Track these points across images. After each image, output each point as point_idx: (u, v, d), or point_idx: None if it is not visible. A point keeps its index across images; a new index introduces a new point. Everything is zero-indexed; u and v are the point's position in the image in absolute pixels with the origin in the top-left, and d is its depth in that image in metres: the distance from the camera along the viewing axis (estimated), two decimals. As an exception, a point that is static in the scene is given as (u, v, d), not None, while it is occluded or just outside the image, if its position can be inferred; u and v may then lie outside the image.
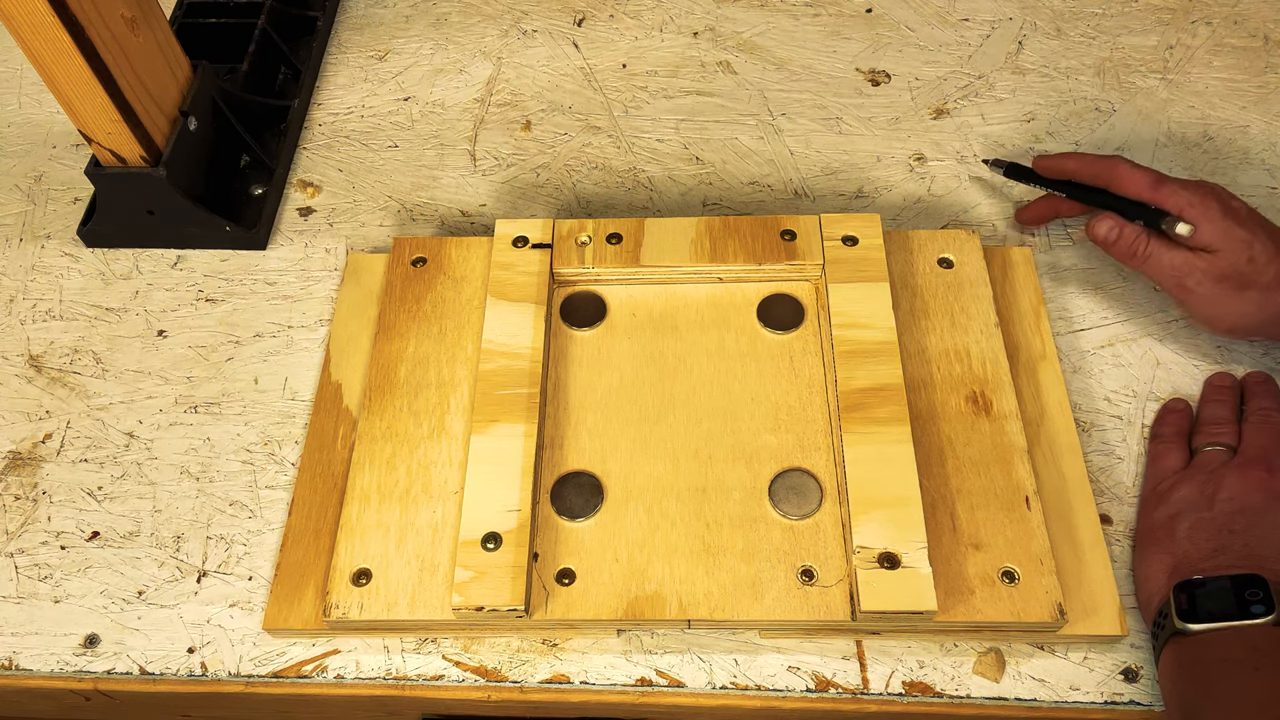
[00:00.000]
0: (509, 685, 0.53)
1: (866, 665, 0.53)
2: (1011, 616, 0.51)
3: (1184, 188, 0.58)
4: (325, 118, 0.78)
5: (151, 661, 0.55)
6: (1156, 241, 0.58)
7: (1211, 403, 0.59)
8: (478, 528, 0.53)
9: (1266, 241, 0.56)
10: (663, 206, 0.71)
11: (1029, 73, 0.77)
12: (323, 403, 0.61)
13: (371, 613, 0.52)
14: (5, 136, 0.79)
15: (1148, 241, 0.58)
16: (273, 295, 0.68)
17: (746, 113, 0.76)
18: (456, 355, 0.61)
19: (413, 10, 0.85)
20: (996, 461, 0.56)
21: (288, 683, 0.54)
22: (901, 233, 0.65)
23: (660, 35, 0.82)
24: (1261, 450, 0.54)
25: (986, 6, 0.81)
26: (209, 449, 0.62)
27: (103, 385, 0.65)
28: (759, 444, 0.57)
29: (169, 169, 0.66)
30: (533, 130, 0.76)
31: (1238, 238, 0.56)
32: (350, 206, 0.73)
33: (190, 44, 0.70)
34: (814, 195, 0.71)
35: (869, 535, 0.52)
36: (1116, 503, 0.57)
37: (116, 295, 0.69)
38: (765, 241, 0.63)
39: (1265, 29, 0.78)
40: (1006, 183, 0.71)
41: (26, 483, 0.61)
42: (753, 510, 0.55)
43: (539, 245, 0.63)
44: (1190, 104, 0.74)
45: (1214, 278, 0.57)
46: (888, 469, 0.54)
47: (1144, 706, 0.51)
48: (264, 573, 0.57)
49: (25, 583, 0.58)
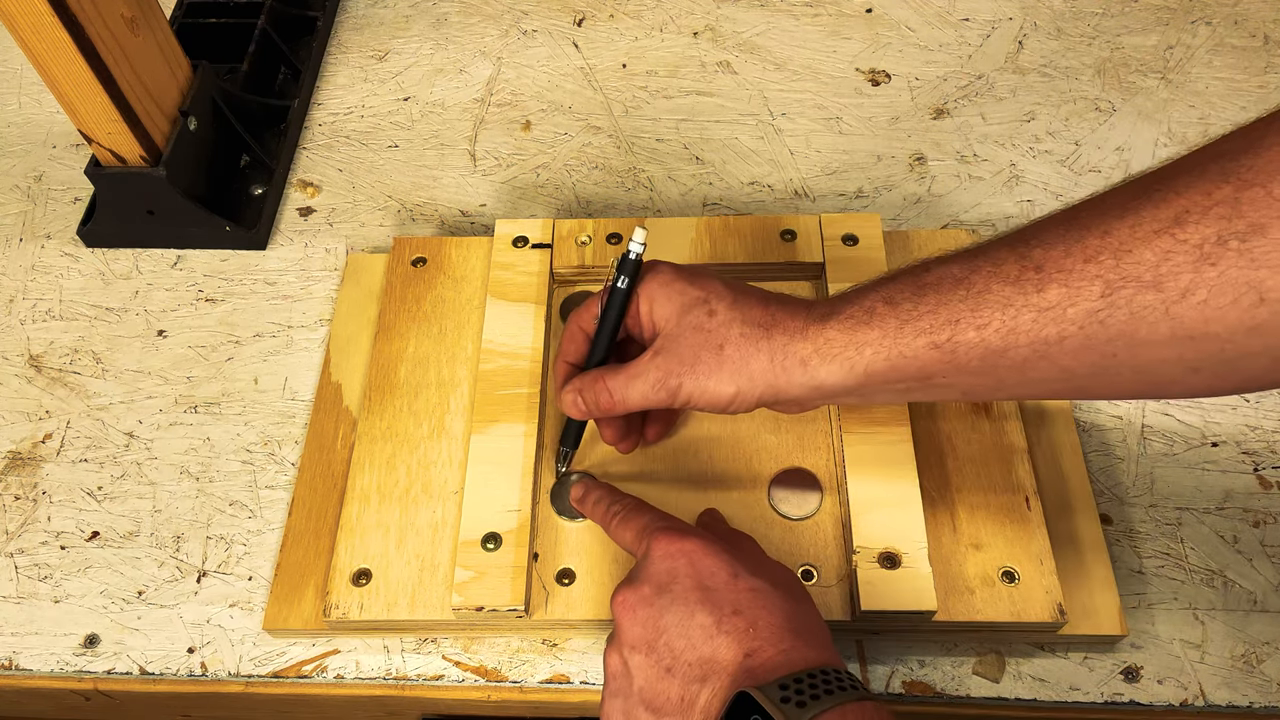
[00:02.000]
0: (509, 685, 0.53)
1: (866, 665, 0.53)
2: (1011, 616, 0.51)
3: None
4: (325, 118, 0.78)
5: (151, 661, 0.55)
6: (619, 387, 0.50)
7: None
8: (478, 528, 0.53)
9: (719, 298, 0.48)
10: (663, 206, 0.71)
11: (1029, 73, 0.77)
12: (323, 403, 0.61)
13: (371, 613, 0.52)
14: (5, 136, 0.79)
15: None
16: (273, 295, 0.68)
17: (746, 113, 0.76)
18: (456, 355, 0.61)
19: (413, 10, 0.85)
20: (996, 461, 0.56)
21: (288, 683, 0.54)
22: (901, 233, 0.65)
23: (660, 35, 0.82)
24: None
25: (986, 6, 0.81)
26: (209, 449, 0.62)
27: (103, 385, 0.65)
28: (759, 444, 0.57)
29: (169, 169, 0.66)
30: (533, 130, 0.76)
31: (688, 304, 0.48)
32: (350, 206, 0.73)
33: (190, 44, 0.70)
34: (814, 195, 0.71)
35: (869, 535, 0.52)
36: (1116, 503, 0.57)
37: (116, 295, 0.69)
38: (765, 241, 0.63)
39: (1265, 29, 0.78)
40: (1007, 182, 0.71)
41: (26, 483, 0.61)
42: (753, 510, 0.55)
43: (539, 245, 0.63)
44: (1190, 104, 0.74)
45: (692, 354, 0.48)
46: (888, 469, 0.53)
47: (1144, 706, 0.51)
48: (264, 573, 0.57)
49: (25, 583, 0.58)
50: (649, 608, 0.43)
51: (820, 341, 0.45)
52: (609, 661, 0.44)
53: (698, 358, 0.47)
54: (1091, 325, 0.38)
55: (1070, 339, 0.39)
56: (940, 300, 0.42)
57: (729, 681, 0.40)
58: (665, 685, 0.41)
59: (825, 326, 0.45)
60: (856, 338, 0.44)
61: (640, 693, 0.42)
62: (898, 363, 0.43)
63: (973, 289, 0.41)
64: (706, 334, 0.47)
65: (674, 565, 0.44)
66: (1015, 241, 0.41)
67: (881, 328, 0.43)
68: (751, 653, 0.41)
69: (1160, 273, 0.36)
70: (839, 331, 0.45)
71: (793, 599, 0.43)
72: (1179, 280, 0.36)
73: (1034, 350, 0.40)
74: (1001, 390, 0.44)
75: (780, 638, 0.41)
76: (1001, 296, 0.40)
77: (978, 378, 0.42)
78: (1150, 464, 0.59)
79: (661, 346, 0.48)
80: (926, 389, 0.44)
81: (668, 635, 0.42)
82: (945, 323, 0.42)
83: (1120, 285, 0.37)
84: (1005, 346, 0.40)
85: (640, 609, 0.43)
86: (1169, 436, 0.59)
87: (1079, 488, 0.56)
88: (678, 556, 0.44)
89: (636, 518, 0.48)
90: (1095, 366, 0.39)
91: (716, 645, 0.41)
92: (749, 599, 0.42)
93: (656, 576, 0.44)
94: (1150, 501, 0.57)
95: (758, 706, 0.38)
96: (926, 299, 0.43)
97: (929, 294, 0.43)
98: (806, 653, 0.41)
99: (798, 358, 0.45)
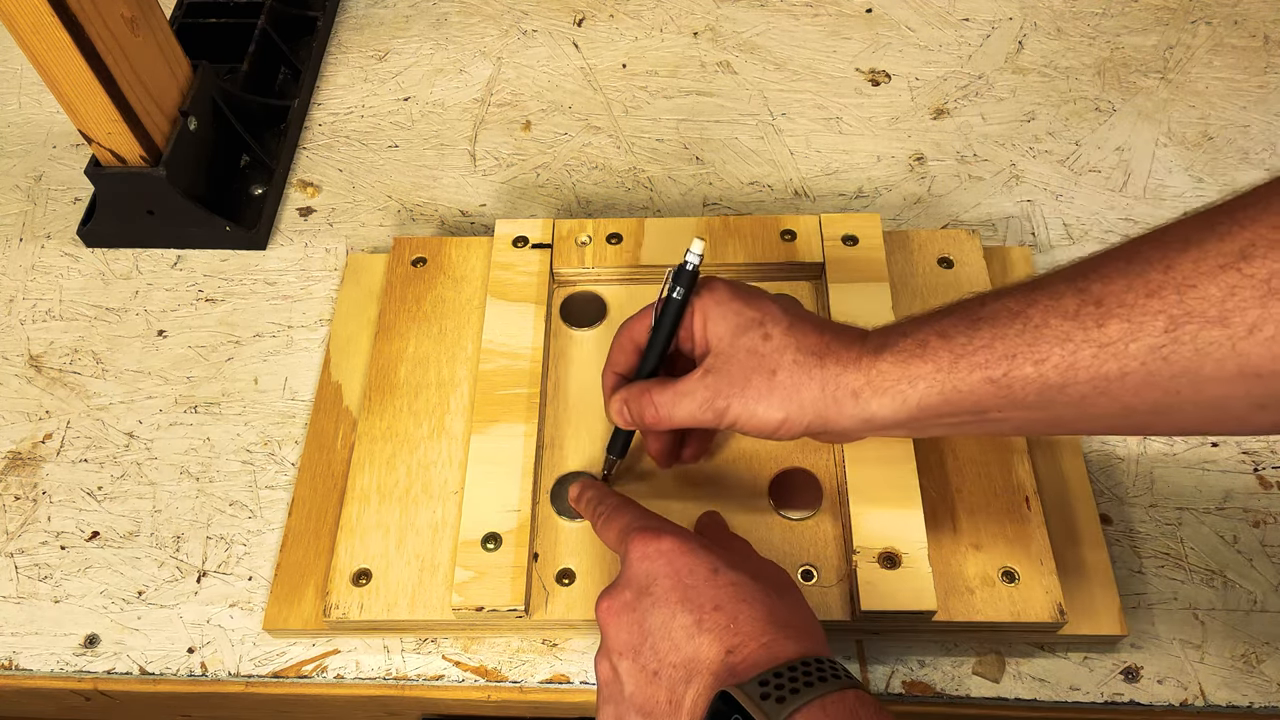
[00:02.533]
0: (509, 685, 0.53)
1: (866, 665, 0.53)
2: (1011, 616, 0.51)
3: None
4: (325, 118, 0.78)
5: (151, 661, 0.55)
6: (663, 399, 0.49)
7: None
8: (478, 528, 0.53)
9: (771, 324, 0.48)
10: (663, 206, 0.71)
11: (1029, 73, 0.77)
12: (323, 403, 0.61)
13: (371, 613, 0.52)
14: (5, 136, 0.79)
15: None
16: (273, 295, 0.68)
17: (746, 113, 0.76)
18: (456, 355, 0.61)
19: (413, 10, 0.85)
20: (996, 461, 0.56)
21: (288, 683, 0.54)
22: (901, 233, 0.65)
23: (660, 35, 0.82)
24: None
25: (986, 6, 0.81)
26: (209, 449, 0.62)
27: (103, 385, 0.65)
28: (759, 444, 0.57)
29: (169, 169, 0.66)
30: (533, 130, 0.76)
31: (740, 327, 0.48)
32: (350, 206, 0.73)
33: (190, 44, 0.70)
34: (814, 195, 0.71)
35: (869, 535, 0.52)
36: (1116, 503, 0.57)
37: (116, 295, 0.69)
38: (765, 241, 0.63)
39: (1265, 29, 0.78)
40: (1007, 183, 0.71)
41: (26, 483, 0.61)
42: (753, 510, 0.55)
43: (539, 245, 0.63)
44: (1190, 104, 0.74)
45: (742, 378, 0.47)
46: (888, 469, 0.53)
47: (1144, 706, 0.51)
48: (264, 573, 0.57)
49: (25, 583, 0.58)
50: (631, 612, 0.43)
51: (873, 374, 0.44)
52: (599, 669, 0.44)
53: (749, 380, 0.46)
54: (1154, 361, 0.37)
55: (1132, 375, 0.38)
56: (996, 334, 0.41)
57: (712, 680, 0.40)
58: (653, 689, 0.41)
59: (878, 359, 0.44)
60: (910, 371, 0.43)
61: (631, 698, 0.42)
62: (952, 397, 0.43)
63: (1030, 323, 0.40)
64: (760, 357, 0.47)
65: (652, 567, 0.44)
66: (1073, 276, 0.40)
67: (935, 361, 0.43)
68: (733, 649, 0.41)
69: (1226, 308, 0.36)
70: (892, 364, 0.44)
71: (775, 591, 0.43)
72: (1246, 316, 0.35)
73: (1094, 386, 0.39)
74: (1059, 426, 0.43)
75: (762, 631, 0.41)
76: (1060, 331, 0.40)
77: (1034, 412, 0.42)
78: (1150, 464, 0.59)
79: (712, 365, 0.48)
80: (981, 423, 0.44)
81: (652, 639, 0.42)
82: (1001, 357, 0.41)
83: (1185, 320, 0.37)
84: (1064, 382, 0.40)
85: (624, 614, 0.43)
86: (1169, 436, 0.59)
87: (1079, 488, 0.56)
88: (655, 558, 0.44)
89: (619, 518, 0.48)
90: (1157, 403, 0.39)
91: (698, 645, 0.41)
92: (729, 594, 0.42)
93: (636, 580, 0.44)
94: (1150, 501, 0.57)
95: (738, 705, 0.38)
96: (981, 333, 0.42)
97: (984, 328, 0.42)
98: (789, 645, 0.41)
99: (849, 389, 0.45)
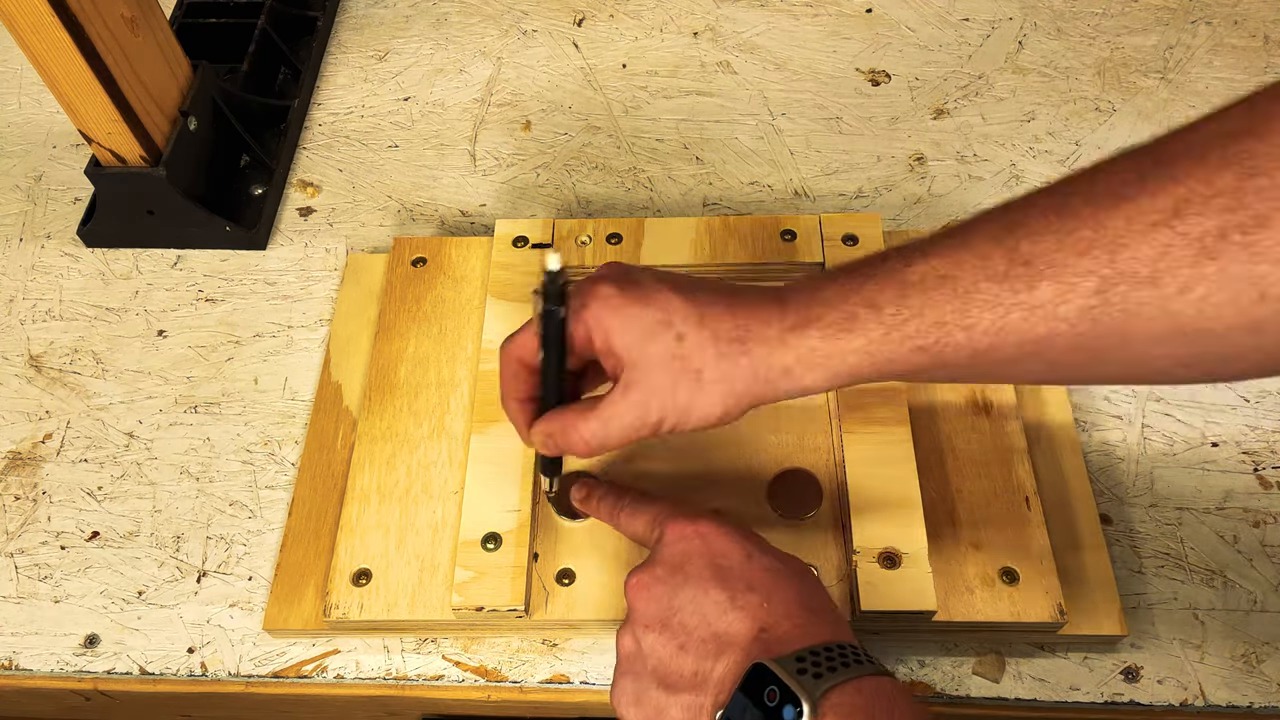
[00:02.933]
0: (509, 685, 0.53)
1: (866, 665, 0.53)
2: (1011, 616, 0.51)
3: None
4: (325, 118, 0.78)
5: (151, 661, 0.55)
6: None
7: None
8: (478, 528, 0.53)
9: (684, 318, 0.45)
10: (663, 206, 0.71)
11: (1029, 73, 0.77)
12: (323, 403, 0.61)
13: (371, 613, 0.52)
14: (5, 136, 0.79)
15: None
16: (273, 295, 0.68)
17: (746, 113, 0.76)
18: (456, 355, 0.61)
19: (413, 10, 0.85)
20: (996, 461, 0.56)
21: (288, 683, 0.54)
22: (901, 233, 0.65)
23: (660, 35, 0.82)
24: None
25: (986, 6, 0.81)
26: (209, 449, 0.62)
27: (103, 385, 0.65)
28: (759, 444, 0.57)
29: (169, 169, 0.66)
30: (533, 130, 0.76)
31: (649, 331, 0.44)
32: (350, 206, 0.73)
33: (190, 44, 0.70)
34: (814, 195, 0.71)
35: (869, 535, 0.52)
36: (1116, 503, 0.57)
37: (116, 295, 0.69)
38: (765, 241, 0.63)
39: (1265, 29, 0.78)
40: (1007, 183, 0.71)
41: (26, 483, 0.61)
42: (753, 510, 0.55)
43: (539, 245, 0.63)
44: (1190, 104, 0.74)
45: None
46: (888, 469, 0.53)
47: (1144, 706, 0.51)
48: (264, 573, 0.57)
49: (25, 583, 0.58)
50: (662, 586, 0.43)
51: (803, 350, 0.43)
52: (621, 642, 0.44)
53: (675, 388, 0.44)
54: (1083, 323, 0.37)
55: (1061, 336, 0.38)
56: (925, 302, 0.40)
57: (743, 655, 0.40)
58: (679, 662, 0.41)
59: (805, 334, 0.43)
60: (840, 346, 0.43)
61: (653, 671, 0.42)
62: (883, 366, 0.42)
63: (959, 287, 0.40)
64: (681, 360, 0.43)
65: (688, 546, 0.44)
66: (1000, 234, 0.39)
67: (866, 334, 0.42)
68: (767, 628, 0.40)
69: (1158, 268, 0.35)
70: (820, 340, 0.43)
71: (807, 581, 0.43)
72: (1177, 276, 0.35)
73: (1022, 349, 0.39)
74: (987, 379, 0.44)
75: (796, 613, 0.41)
76: (990, 295, 0.39)
77: (964, 371, 0.42)
78: (1150, 464, 0.59)
79: (631, 380, 0.44)
80: (911, 380, 0.46)
81: (681, 614, 0.42)
82: (932, 325, 0.40)
83: (1116, 281, 0.36)
84: (993, 345, 0.39)
85: (654, 587, 0.43)
86: (1169, 436, 0.59)
87: (1079, 488, 0.56)
88: (692, 538, 0.44)
89: (647, 507, 0.48)
90: (1083, 361, 0.39)
91: (730, 620, 0.41)
92: (763, 577, 0.42)
93: (671, 558, 0.44)
94: (1150, 501, 0.57)
95: (774, 678, 0.38)
96: (910, 301, 0.41)
97: (913, 295, 0.41)
98: (823, 629, 0.41)
99: (780, 368, 0.44)
